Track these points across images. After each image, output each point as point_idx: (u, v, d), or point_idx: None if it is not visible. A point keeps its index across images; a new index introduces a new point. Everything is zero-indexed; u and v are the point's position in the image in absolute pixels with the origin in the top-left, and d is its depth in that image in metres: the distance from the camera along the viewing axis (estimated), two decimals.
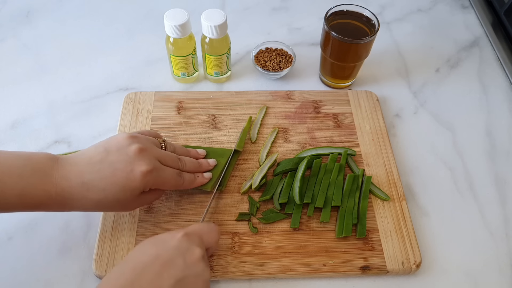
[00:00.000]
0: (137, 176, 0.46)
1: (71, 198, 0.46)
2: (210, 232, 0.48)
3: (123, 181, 0.46)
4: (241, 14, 0.85)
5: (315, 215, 0.57)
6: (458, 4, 0.88)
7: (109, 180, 0.46)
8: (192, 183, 0.54)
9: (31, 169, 0.44)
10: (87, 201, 0.46)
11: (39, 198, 0.44)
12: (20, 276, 0.52)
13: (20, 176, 0.43)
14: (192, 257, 0.43)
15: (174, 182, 0.51)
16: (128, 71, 0.74)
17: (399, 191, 0.59)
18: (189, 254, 0.43)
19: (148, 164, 0.47)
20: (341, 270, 0.53)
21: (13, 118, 0.67)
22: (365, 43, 0.64)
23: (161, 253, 0.42)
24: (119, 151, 0.47)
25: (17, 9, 0.83)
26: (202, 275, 0.43)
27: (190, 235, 0.45)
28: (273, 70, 0.71)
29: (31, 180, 0.44)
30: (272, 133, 0.64)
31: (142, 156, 0.47)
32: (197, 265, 0.43)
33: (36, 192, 0.44)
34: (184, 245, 0.44)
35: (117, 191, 0.46)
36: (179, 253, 0.43)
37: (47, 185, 0.44)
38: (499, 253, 0.56)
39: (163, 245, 0.43)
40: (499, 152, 0.66)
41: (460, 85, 0.75)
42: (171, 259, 0.42)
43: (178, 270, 0.42)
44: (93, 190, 0.46)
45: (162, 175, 0.49)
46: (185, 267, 0.42)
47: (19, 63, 0.74)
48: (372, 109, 0.68)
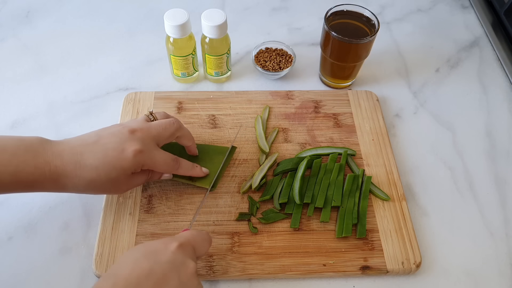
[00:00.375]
0: (128, 155, 0.47)
1: (65, 175, 0.46)
2: (203, 242, 0.46)
3: (114, 160, 0.47)
4: (241, 14, 0.85)
5: (315, 215, 0.57)
6: (458, 4, 0.88)
7: (101, 159, 0.47)
8: (189, 171, 0.55)
9: (24, 148, 0.45)
10: (80, 180, 0.47)
11: (33, 176, 0.45)
12: (20, 276, 0.52)
13: (13, 154, 0.44)
14: (187, 273, 0.41)
15: (167, 166, 0.52)
16: (128, 71, 0.74)
17: (399, 191, 0.59)
18: (184, 270, 0.41)
19: (140, 144, 0.48)
20: (341, 270, 0.53)
21: (13, 118, 0.67)
22: (365, 43, 0.64)
23: (155, 268, 0.40)
24: (111, 134, 0.49)
25: (17, 9, 0.83)
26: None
27: (184, 247, 0.43)
28: (273, 70, 0.71)
29: (25, 158, 0.45)
30: (272, 133, 0.64)
31: (134, 136, 0.48)
32: (191, 281, 0.42)
33: (29, 169, 0.45)
34: (178, 259, 0.42)
35: (109, 169, 0.47)
36: (173, 268, 0.41)
37: (41, 163, 0.45)
38: (499, 253, 0.56)
39: (156, 259, 0.41)
40: (499, 152, 0.66)
41: (460, 85, 0.75)
42: (165, 276, 0.40)
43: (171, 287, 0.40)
44: (85, 169, 0.46)
45: (154, 157, 0.50)
46: (179, 285, 0.40)
47: (19, 63, 0.74)
48: (372, 109, 0.68)
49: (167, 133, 0.52)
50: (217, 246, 0.54)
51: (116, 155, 0.47)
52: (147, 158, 0.49)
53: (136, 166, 0.49)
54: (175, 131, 0.53)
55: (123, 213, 0.56)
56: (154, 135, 0.51)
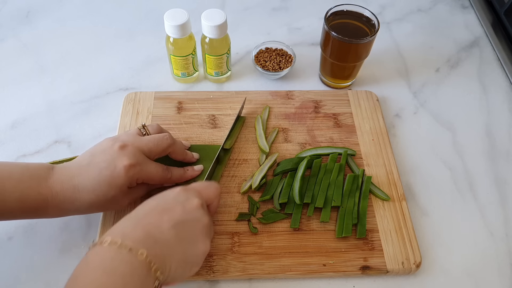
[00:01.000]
0: (120, 171, 0.48)
1: (65, 201, 0.48)
2: (208, 187, 0.49)
3: (109, 179, 0.48)
4: (241, 14, 0.85)
5: (315, 215, 0.57)
6: (458, 4, 0.88)
7: (96, 180, 0.48)
8: (182, 177, 0.56)
9: (29, 175, 0.47)
10: (80, 203, 0.48)
11: (36, 202, 0.46)
12: (20, 276, 0.52)
13: (19, 180, 0.46)
14: (191, 205, 0.45)
15: (160, 176, 0.52)
16: (128, 71, 0.74)
17: (399, 191, 0.59)
18: (188, 203, 0.45)
19: (131, 158, 0.49)
20: (341, 270, 0.53)
21: (13, 118, 0.67)
22: (365, 43, 0.64)
23: (161, 202, 0.45)
24: (103, 152, 0.49)
25: (17, 9, 0.83)
26: (201, 219, 0.45)
27: (188, 189, 0.47)
28: (273, 70, 0.71)
29: (29, 184, 0.46)
30: (272, 133, 0.64)
31: (124, 152, 0.49)
32: (195, 211, 0.45)
33: (34, 196, 0.46)
34: (182, 196, 0.46)
35: (106, 189, 0.48)
36: (178, 202, 0.45)
37: (44, 189, 0.47)
38: (499, 253, 0.56)
39: (162, 197, 0.46)
40: (499, 152, 0.66)
41: (460, 85, 0.75)
42: (171, 206, 0.44)
43: (177, 214, 0.44)
44: (83, 192, 0.48)
45: (147, 169, 0.50)
46: (184, 213, 0.44)
47: (19, 63, 0.74)
48: (372, 109, 0.68)
49: (158, 149, 0.52)
50: (217, 246, 0.54)
51: (109, 174, 0.48)
52: (139, 172, 0.50)
53: (130, 181, 0.49)
54: (167, 147, 0.53)
55: (123, 212, 0.56)
56: (145, 150, 0.51)
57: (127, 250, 0.39)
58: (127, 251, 0.39)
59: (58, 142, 0.65)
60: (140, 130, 0.54)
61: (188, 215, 0.44)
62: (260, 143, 0.62)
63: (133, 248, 0.39)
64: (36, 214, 0.48)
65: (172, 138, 0.54)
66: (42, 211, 0.48)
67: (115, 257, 0.39)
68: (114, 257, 0.39)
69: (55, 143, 0.65)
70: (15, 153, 0.63)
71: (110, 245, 0.39)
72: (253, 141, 0.64)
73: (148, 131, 0.54)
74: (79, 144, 0.64)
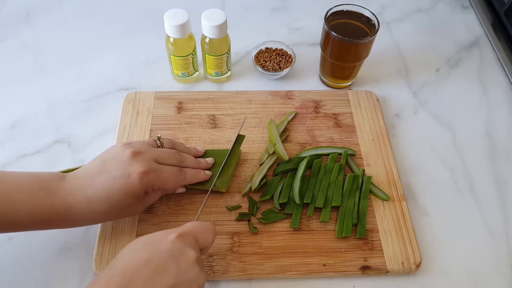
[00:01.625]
0: (135, 179, 0.47)
1: (79, 212, 0.46)
2: (205, 232, 0.45)
3: (123, 187, 0.46)
4: (241, 14, 0.85)
5: (315, 215, 0.57)
6: (458, 4, 0.88)
7: (110, 189, 0.46)
8: (196, 177, 0.54)
9: (39, 186, 0.45)
10: (95, 214, 0.47)
11: (48, 214, 0.45)
12: (20, 276, 0.52)
13: (29, 193, 0.45)
14: (186, 261, 0.41)
15: (175, 179, 0.51)
16: (128, 71, 0.74)
17: (399, 191, 0.59)
18: (183, 258, 0.41)
19: (144, 165, 0.47)
20: (341, 270, 0.53)
21: (13, 118, 0.67)
22: (365, 43, 0.64)
23: (153, 257, 0.40)
24: (114, 159, 0.48)
25: (17, 9, 0.83)
26: (196, 279, 0.41)
27: (184, 236, 0.43)
28: (273, 70, 0.71)
29: (40, 196, 0.45)
30: (281, 136, 0.64)
31: (137, 159, 0.47)
32: (191, 269, 0.41)
33: (45, 208, 0.45)
34: (177, 248, 0.41)
35: (121, 198, 0.47)
36: (172, 257, 0.40)
37: (55, 201, 0.45)
38: (499, 253, 0.56)
39: (155, 248, 0.41)
40: (499, 152, 0.66)
41: (460, 85, 0.75)
42: (163, 264, 0.40)
43: (170, 276, 0.39)
44: (97, 202, 0.46)
45: (161, 175, 0.49)
46: (178, 273, 0.40)
47: (19, 63, 0.74)
48: (372, 109, 0.68)
49: (171, 162, 0.52)
50: (217, 246, 0.54)
51: (123, 183, 0.46)
52: (154, 178, 0.48)
53: (145, 188, 0.48)
54: (178, 163, 0.53)
55: None
56: (159, 160, 0.50)
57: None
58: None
59: (58, 142, 0.65)
60: (155, 141, 0.53)
61: (183, 276, 0.40)
62: (279, 151, 0.60)
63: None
64: (49, 225, 0.47)
65: (182, 155, 0.54)
66: (56, 222, 0.46)
67: None
68: None
69: (55, 143, 0.65)
70: (15, 153, 0.63)
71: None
72: (253, 141, 0.64)
73: (162, 144, 0.54)
74: (79, 144, 0.64)
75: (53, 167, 0.62)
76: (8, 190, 0.44)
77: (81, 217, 0.47)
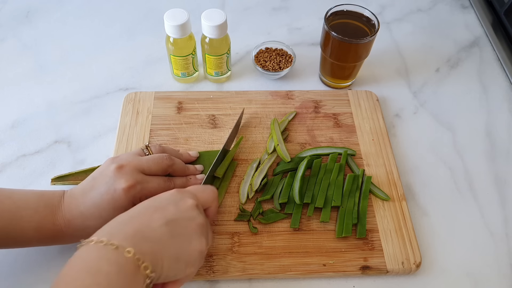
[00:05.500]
0: (121, 194, 0.47)
1: (77, 229, 0.48)
2: (204, 191, 0.48)
3: (111, 202, 0.47)
4: (241, 14, 0.85)
5: (315, 215, 0.57)
6: (458, 4, 0.88)
7: (100, 205, 0.47)
8: (185, 186, 0.54)
9: (44, 204, 0.47)
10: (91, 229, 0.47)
11: (53, 232, 0.47)
12: (20, 276, 0.52)
13: (35, 210, 0.46)
14: (185, 204, 0.44)
15: (162, 188, 0.51)
16: (128, 71, 0.74)
17: (399, 191, 0.59)
18: (182, 202, 0.44)
19: (128, 179, 0.48)
20: (341, 270, 0.53)
21: (13, 118, 0.67)
22: (365, 43, 0.64)
23: (153, 203, 0.44)
24: (101, 175, 0.49)
25: (17, 9, 0.83)
26: (195, 218, 0.44)
27: (183, 191, 0.46)
28: (273, 70, 0.71)
29: (45, 214, 0.47)
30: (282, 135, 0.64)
31: (121, 173, 0.48)
32: (189, 210, 0.44)
33: (49, 226, 0.47)
34: (176, 196, 0.45)
35: (111, 212, 0.47)
36: (171, 201, 0.44)
37: (58, 220, 0.47)
38: (499, 253, 0.56)
39: (155, 198, 0.45)
40: (499, 152, 0.66)
41: (460, 85, 0.75)
42: (163, 206, 0.43)
43: (169, 213, 0.43)
44: (91, 218, 0.48)
45: (148, 186, 0.49)
46: (177, 211, 0.43)
47: (19, 63, 0.74)
48: (372, 109, 0.68)
49: (158, 168, 0.52)
50: (217, 246, 0.54)
51: (110, 198, 0.47)
52: (141, 190, 0.49)
53: (133, 201, 0.48)
54: (166, 167, 0.53)
55: None
56: (144, 169, 0.50)
57: (113, 248, 0.38)
58: (113, 249, 0.38)
59: (58, 142, 0.65)
60: (142, 150, 0.54)
61: (181, 214, 0.43)
62: (281, 151, 0.60)
63: (120, 246, 0.38)
64: (53, 242, 0.48)
65: (172, 158, 0.54)
66: (58, 239, 0.48)
67: (100, 256, 0.38)
68: (99, 256, 0.38)
69: (55, 143, 0.65)
70: (15, 153, 0.63)
71: (96, 244, 0.38)
72: (253, 142, 0.64)
73: (150, 151, 0.54)
74: (79, 144, 0.64)
75: (53, 167, 0.62)
76: (16, 207, 0.46)
77: (80, 233, 0.47)
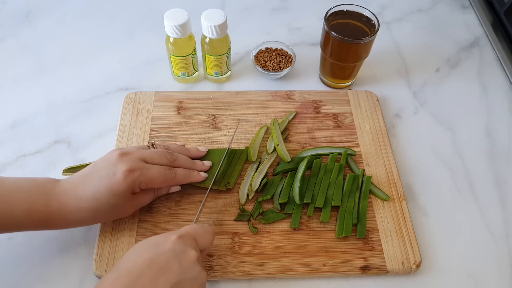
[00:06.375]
0: (120, 177, 0.48)
1: (70, 211, 0.48)
2: (204, 234, 0.47)
3: (109, 186, 0.48)
4: (241, 14, 0.85)
5: (315, 215, 0.57)
6: (458, 4, 0.88)
7: (97, 188, 0.48)
8: (187, 177, 0.55)
9: (36, 189, 0.48)
10: (84, 212, 0.48)
11: (45, 214, 0.47)
12: (20, 276, 0.52)
13: (26, 193, 0.47)
14: (188, 260, 0.43)
15: (163, 177, 0.52)
16: (128, 71, 0.74)
17: (399, 191, 0.59)
18: (184, 257, 0.43)
19: (129, 164, 0.49)
20: (341, 270, 0.53)
21: (13, 118, 0.67)
22: (365, 43, 0.64)
23: (156, 257, 0.42)
24: (104, 161, 0.50)
25: (17, 9, 0.83)
26: (198, 278, 0.43)
27: (184, 237, 0.45)
28: (273, 70, 0.71)
29: (36, 197, 0.47)
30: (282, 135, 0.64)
31: (123, 159, 0.49)
32: (193, 268, 0.43)
33: (41, 208, 0.47)
34: (178, 248, 0.43)
35: (107, 196, 0.48)
36: (174, 256, 0.42)
37: (50, 201, 0.47)
38: (499, 253, 0.56)
39: (157, 249, 0.43)
40: (499, 152, 0.66)
41: (460, 85, 0.75)
42: (166, 263, 0.41)
43: (174, 274, 0.41)
44: (86, 200, 0.48)
45: (147, 173, 0.50)
46: (181, 271, 0.42)
47: (19, 63, 0.74)
48: (372, 109, 0.68)
49: (161, 162, 0.52)
50: (217, 246, 0.54)
51: (109, 181, 0.48)
52: (140, 176, 0.49)
53: (131, 187, 0.49)
54: (169, 162, 0.53)
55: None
56: (147, 160, 0.51)
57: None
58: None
59: (58, 142, 0.65)
60: (148, 146, 0.55)
61: (185, 274, 0.42)
62: (282, 152, 0.60)
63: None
64: (45, 226, 0.48)
65: (173, 154, 0.54)
66: (50, 223, 0.48)
67: None
68: None
69: (55, 143, 0.65)
70: (15, 153, 0.63)
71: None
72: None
73: (155, 148, 0.55)
74: (79, 144, 0.64)
75: (53, 167, 0.62)
76: (6, 191, 0.46)
77: (74, 216, 0.48)
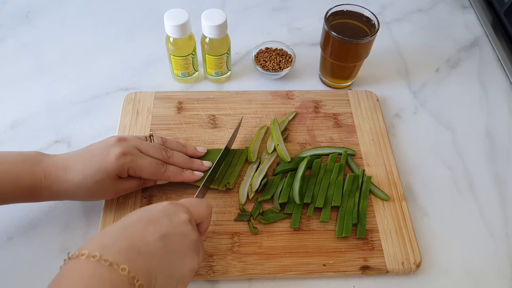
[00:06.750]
0: (111, 158, 0.50)
1: (57, 181, 0.49)
2: (198, 205, 0.47)
3: (99, 162, 0.50)
4: (241, 14, 0.85)
5: (315, 215, 0.57)
6: (458, 4, 0.88)
7: (87, 162, 0.50)
8: (178, 175, 0.55)
9: (22, 159, 0.49)
10: (70, 184, 0.49)
11: (31, 182, 0.48)
12: (20, 276, 0.52)
13: (13, 163, 0.48)
14: (178, 218, 0.43)
15: (153, 169, 0.53)
16: (128, 71, 0.74)
17: (399, 191, 0.59)
18: (175, 217, 0.43)
19: (124, 148, 0.51)
20: (341, 270, 0.53)
21: (13, 118, 0.67)
22: (365, 43, 0.64)
23: (146, 214, 0.42)
24: (100, 143, 0.52)
25: (17, 9, 0.83)
26: (189, 235, 0.42)
27: (176, 204, 0.45)
28: (273, 70, 0.71)
29: (23, 166, 0.48)
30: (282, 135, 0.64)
31: (119, 143, 0.51)
32: (183, 225, 0.42)
33: (28, 176, 0.48)
34: (170, 210, 0.43)
35: (94, 172, 0.49)
36: (165, 214, 0.42)
37: (37, 170, 0.49)
38: (499, 253, 0.56)
39: (148, 209, 0.44)
40: (499, 152, 0.66)
41: (460, 85, 0.75)
42: (156, 218, 0.42)
43: (163, 226, 0.41)
44: (74, 172, 0.49)
45: (139, 161, 0.51)
46: (170, 225, 0.41)
47: (19, 63, 0.74)
48: (372, 109, 0.68)
49: (156, 155, 0.54)
50: (217, 246, 0.54)
51: (100, 159, 0.50)
52: (131, 161, 0.51)
53: (120, 169, 0.50)
54: (163, 159, 0.54)
55: (123, 213, 0.56)
56: (142, 150, 0.53)
57: (107, 265, 0.35)
58: (107, 266, 0.35)
59: (58, 142, 0.65)
60: (146, 137, 0.56)
61: (175, 229, 0.42)
62: (282, 152, 0.60)
63: (114, 262, 0.36)
64: (30, 196, 0.49)
65: (169, 152, 0.55)
66: (35, 192, 0.49)
67: (93, 273, 0.35)
68: (92, 274, 0.35)
69: (55, 143, 0.65)
70: None
71: (88, 258, 0.36)
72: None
73: (152, 140, 0.56)
74: (79, 144, 0.64)
75: None
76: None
77: (58, 186, 0.49)
